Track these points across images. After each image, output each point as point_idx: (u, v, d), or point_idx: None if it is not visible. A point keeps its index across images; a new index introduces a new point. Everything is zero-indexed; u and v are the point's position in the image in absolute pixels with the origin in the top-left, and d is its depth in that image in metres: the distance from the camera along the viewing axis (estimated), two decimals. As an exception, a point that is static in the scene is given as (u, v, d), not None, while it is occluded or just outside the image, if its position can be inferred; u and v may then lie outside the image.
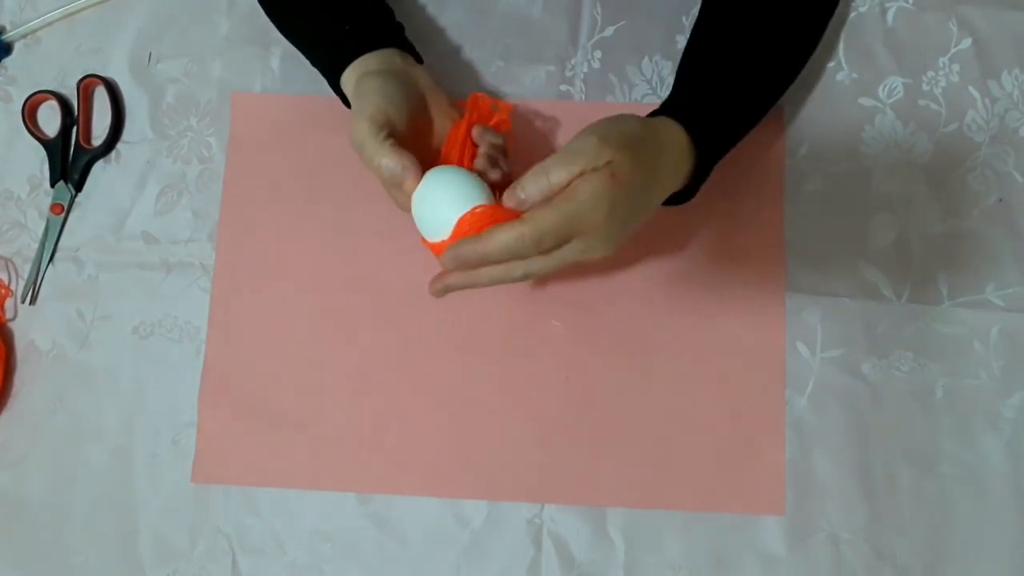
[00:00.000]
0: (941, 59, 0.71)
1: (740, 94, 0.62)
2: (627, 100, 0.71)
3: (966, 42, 0.71)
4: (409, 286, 0.68)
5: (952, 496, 0.65)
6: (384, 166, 0.55)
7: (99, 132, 0.73)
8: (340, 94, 0.63)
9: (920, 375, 0.67)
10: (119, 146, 0.73)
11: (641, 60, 0.72)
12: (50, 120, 0.74)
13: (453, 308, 0.68)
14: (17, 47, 0.75)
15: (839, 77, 0.71)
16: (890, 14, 0.72)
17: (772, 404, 0.66)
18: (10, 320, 0.71)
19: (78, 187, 0.72)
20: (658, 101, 0.62)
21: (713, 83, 0.61)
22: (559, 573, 0.65)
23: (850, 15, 0.72)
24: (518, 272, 0.53)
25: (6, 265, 0.72)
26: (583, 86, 0.72)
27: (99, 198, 0.72)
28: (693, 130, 0.57)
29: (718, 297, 0.68)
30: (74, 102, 0.73)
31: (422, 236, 0.57)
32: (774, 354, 0.67)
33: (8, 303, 0.71)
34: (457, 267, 0.54)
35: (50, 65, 0.74)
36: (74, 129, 0.73)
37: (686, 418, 0.67)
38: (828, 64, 0.71)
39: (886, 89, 0.70)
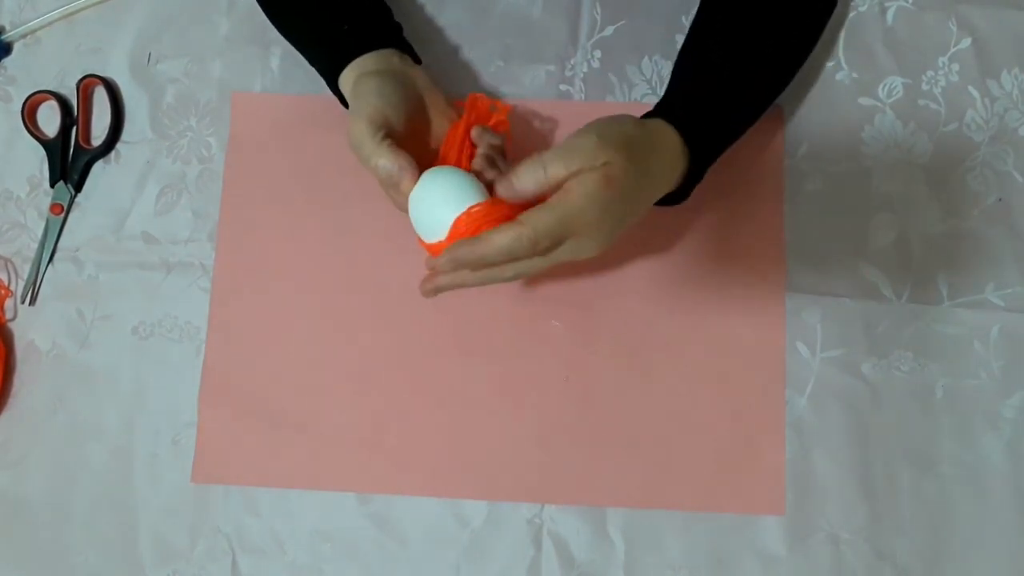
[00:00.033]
0: (941, 59, 0.71)
1: (734, 97, 0.62)
2: (627, 100, 0.71)
3: (966, 42, 0.71)
4: (409, 286, 0.66)
5: (952, 496, 0.65)
6: (381, 166, 0.55)
7: (99, 132, 0.73)
8: (338, 94, 0.63)
9: (920, 375, 0.67)
10: (119, 146, 0.73)
11: (641, 60, 0.72)
12: (50, 120, 0.74)
13: (453, 308, 0.68)
14: (17, 47, 0.75)
15: (839, 77, 0.71)
16: (890, 14, 0.72)
17: (772, 404, 0.66)
18: (10, 320, 0.71)
19: (78, 187, 0.72)
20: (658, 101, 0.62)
21: (707, 86, 0.61)
22: (559, 573, 0.65)
23: (849, 15, 0.71)
24: (509, 272, 0.54)
25: (6, 265, 0.72)
26: (583, 86, 0.72)
27: (99, 198, 0.72)
28: (687, 133, 0.57)
29: (718, 297, 0.68)
30: (74, 102, 0.73)
31: (419, 237, 0.56)
32: (774, 354, 0.67)
33: (8, 303, 0.71)
34: (455, 269, 0.54)
35: (50, 65, 0.74)
36: (74, 129, 0.73)
37: (686, 418, 0.67)
38: (828, 64, 0.71)
39: (886, 89, 0.70)
